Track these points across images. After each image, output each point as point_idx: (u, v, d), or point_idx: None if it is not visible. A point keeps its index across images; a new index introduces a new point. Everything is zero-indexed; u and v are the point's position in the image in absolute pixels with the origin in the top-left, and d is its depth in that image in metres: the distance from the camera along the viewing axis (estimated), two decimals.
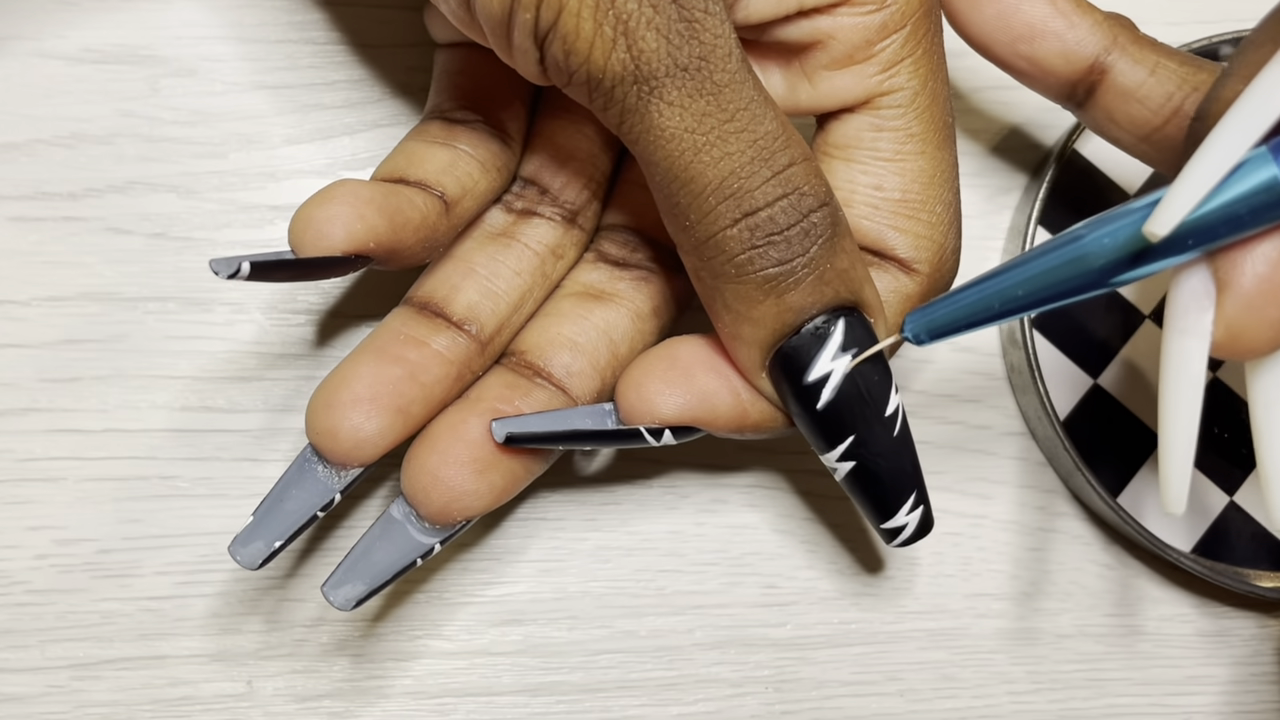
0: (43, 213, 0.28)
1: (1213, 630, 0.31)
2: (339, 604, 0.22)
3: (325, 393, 0.23)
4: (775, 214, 0.20)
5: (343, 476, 0.23)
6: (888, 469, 0.23)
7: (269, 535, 0.23)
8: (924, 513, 0.24)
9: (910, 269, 0.23)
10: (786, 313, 0.21)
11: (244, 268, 0.20)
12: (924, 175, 0.23)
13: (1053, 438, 0.29)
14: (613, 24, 0.19)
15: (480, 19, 0.20)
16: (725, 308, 0.21)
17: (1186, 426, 0.19)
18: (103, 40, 0.28)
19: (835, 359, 0.21)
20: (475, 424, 0.23)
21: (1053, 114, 0.32)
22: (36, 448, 0.27)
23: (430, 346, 0.24)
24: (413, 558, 0.23)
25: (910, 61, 0.22)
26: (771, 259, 0.20)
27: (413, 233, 0.23)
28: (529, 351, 0.25)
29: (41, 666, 0.27)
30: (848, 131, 0.23)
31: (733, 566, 0.29)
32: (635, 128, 0.20)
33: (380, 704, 0.28)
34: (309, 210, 0.22)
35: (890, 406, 0.22)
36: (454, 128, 0.25)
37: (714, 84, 0.20)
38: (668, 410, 0.22)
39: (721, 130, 0.20)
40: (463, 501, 0.23)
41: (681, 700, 0.29)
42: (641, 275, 0.26)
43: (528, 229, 0.26)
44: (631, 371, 0.23)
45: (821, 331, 0.21)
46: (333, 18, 0.29)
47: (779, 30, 0.23)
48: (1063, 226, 0.31)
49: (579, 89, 0.20)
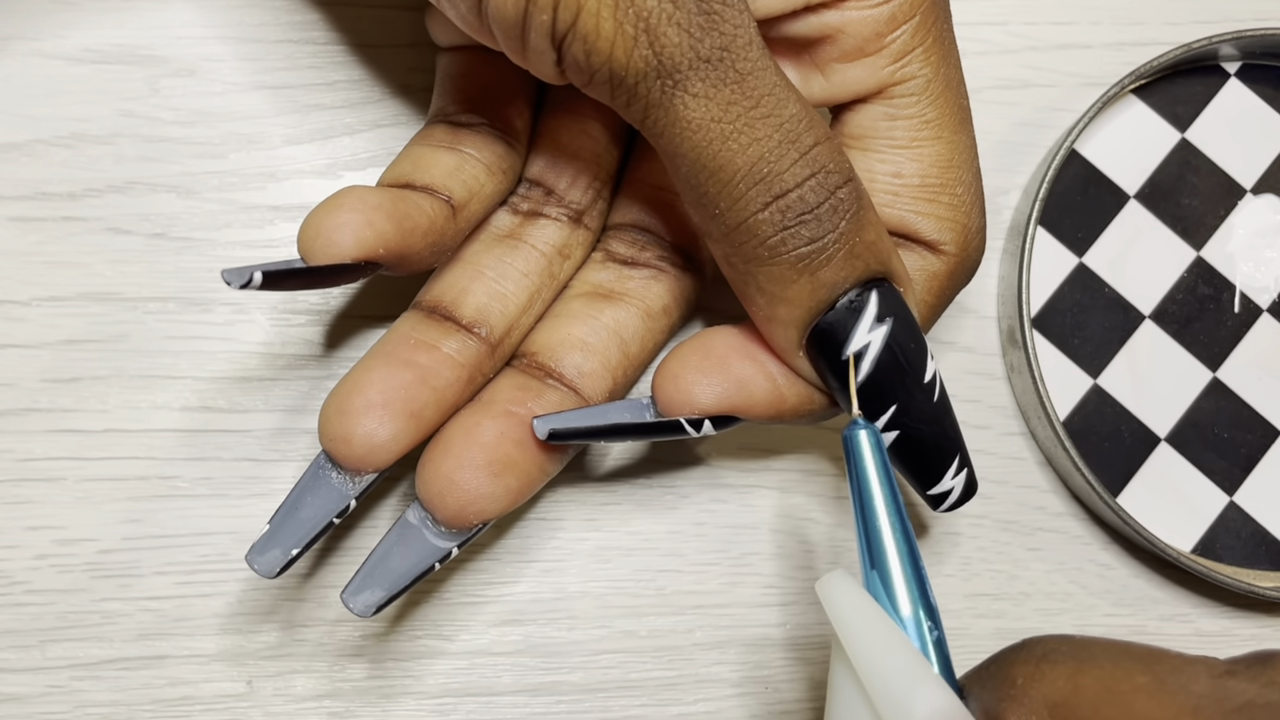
0: (43, 213, 0.28)
1: (1213, 630, 0.31)
2: (359, 610, 0.22)
3: (337, 399, 0.23)
4: (805, 193, 0.20)
5: (357, 483, 0.23)
6: (930, 434, 0.23)
7: (286, 543, 0.23)
8: (968, 475, 0.24)
9: (938, 249, 0.23)
10: (821, 289, 0.21)
11: (256, 277, 0.20)
12: (942, 159, 0.23)
13: (1052, 438, 0.29)
14: (633, 21, 0.19)
15: (492, 22, 0.20)
16: (759, 291, 0.22)
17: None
18: (103, 40, 0.28)
19: (872, 330, 0.21)
20: (489, 426, 0.23)
21: (1053, 114, 0.32)
22: (36, 448, 0.27)
23: (441, 350, 0.24)
24: (430, 562, 0.23)
25: (921, 50, 0.22)
26: (803, 238, 0.21)
27: (421, 238, 0.23)
28: (540, 353, 0.25)
29: (41, 666, 0.27)
30: (863, 121, 0.23)
31: (733, 566, 0.29)
32: (660, 121, 0.20)
33: (380, 704, 0.28)
34: (318, 218, 0.22)
35: (929, 373, 0.22)
36: (458, 131, 0.25)
37: (737, 73, 0.20)
38: (706, 400, 0.23)
39: (748, 117, 0.20)
40: (479, 504, 0.23)
41: (681, 700, 0.29)
42: (650, 273, 0.26)
43: (534, 230, 0.26)
44: (668, 363, 0.23)
45: (856, 304, 0.21)
46: (333, 18, 0.29)
47: (788, 26, 0.23)
48: (1063, 226, 0.31)
49: (600, 87, 0.20)
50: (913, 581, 0.20)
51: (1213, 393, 0.31)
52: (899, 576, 0.20)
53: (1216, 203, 0.31)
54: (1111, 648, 0.19)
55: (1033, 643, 0.20)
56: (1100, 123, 0.31)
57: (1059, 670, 0.19)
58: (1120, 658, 0.19)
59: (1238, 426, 0.30)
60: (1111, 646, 0.19)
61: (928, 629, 0.20)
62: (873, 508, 0.21)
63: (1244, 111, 0.32)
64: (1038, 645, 0.19)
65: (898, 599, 0.20)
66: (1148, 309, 0.31)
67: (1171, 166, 0.31)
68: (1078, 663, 0.19)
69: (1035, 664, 0.19)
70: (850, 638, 0.20)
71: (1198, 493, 0.30)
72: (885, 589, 0.20)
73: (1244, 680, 0.18)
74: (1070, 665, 0.19)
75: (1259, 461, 0.30)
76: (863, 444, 0.21)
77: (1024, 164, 0.32)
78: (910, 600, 0.20)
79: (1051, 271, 0.31)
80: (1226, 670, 0.18)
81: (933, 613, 0.20)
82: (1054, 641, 0.19)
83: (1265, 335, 0.31)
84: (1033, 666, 0.19)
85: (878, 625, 0.20)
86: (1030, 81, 0.32)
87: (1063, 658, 0.19)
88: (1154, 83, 0.31)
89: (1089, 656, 0.19)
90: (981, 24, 0.32)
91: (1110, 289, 0.31)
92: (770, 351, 0.23)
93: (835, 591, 0.20)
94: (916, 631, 0.20)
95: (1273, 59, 0.32)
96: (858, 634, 0.19)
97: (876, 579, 0.20)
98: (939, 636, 0.20)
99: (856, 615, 0.20)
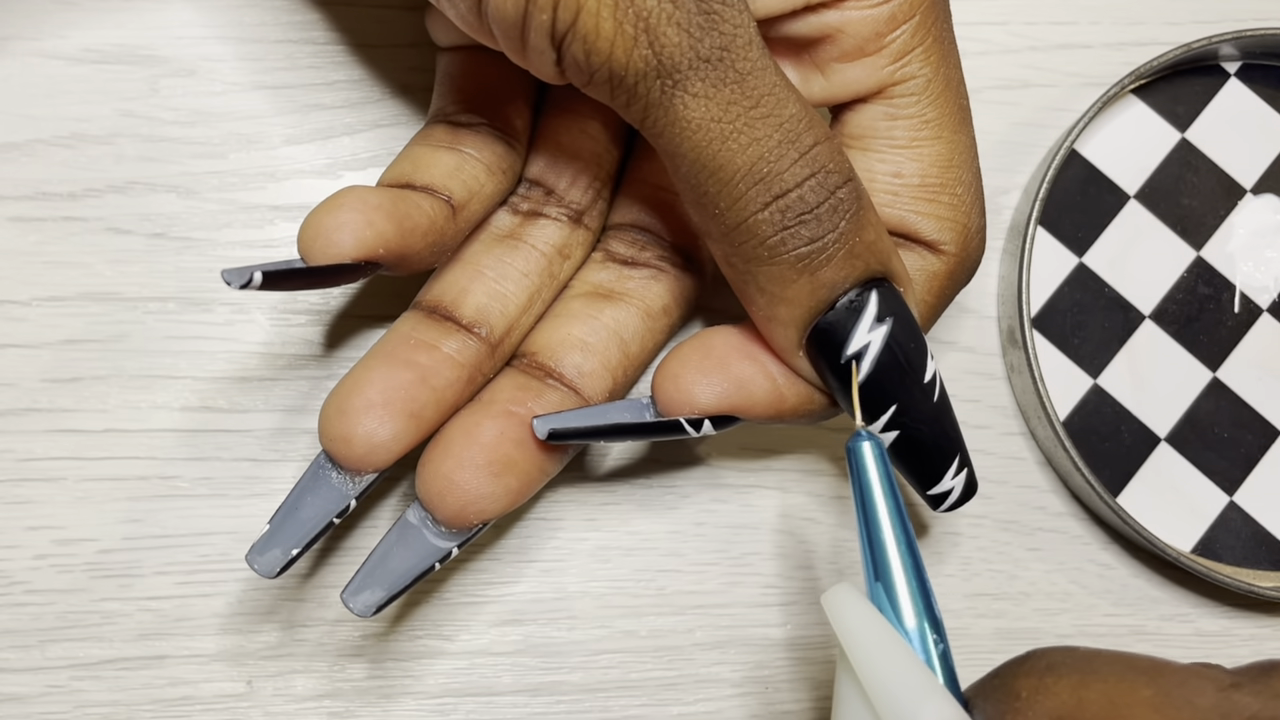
0: (43, 213, 0.28)
1: (1213, 630, 0.31)
2: (359, 610, 0.22)
3: (337, 399, 0.23)
4: (805, 193, 0.20)
5: (357, 483, 0.23)
6: (930, 435, 0.23)
7: (286, 543, 0.23)
8: (968, 475, 0.24)
9: (938, 249, 0.23)
10: (820, 289, 0.21)
11: (256, 277, 0.20)
12: (942, 159, 0.23)
13: (1052, 438, 0.29)
14: (633, 21, 0.19)
15: (492, 22, 0.20)
16: (759, 291, 0.22)
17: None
18: (103, 40, 0.28)
19: (872, 330, 0.21)
20: (489, 427, 0.23)
21: (1053, 114, 0.32)
22: (36, 448, 0.27)
23: (441, 350, 0.24)
24: (430, 562, 0.23)
25: (921, 50, 0.22)
26: (803, 238, 0.21)
27: (421, 237, 0.23)
28: (540, 353, 0.25)
29: (41, 666, 0.27)
30: (862, 121, 0.23)
31: (733, 566, 0.29)
32: (660, 121, 0.20)
33: (380, 704, 0.28)
34: (318, 218, 0.22)
35: (928, 373, 0.22)
36: (458, 131, 0.25)
37: (737, 73, 0.20)
38: (705, 400, 0.23)
39: (748, 117, 0.20)
40: (478, 505, 0.23)
41: (681, 700, 0.29)
42: (650, 273, 0.26)
43: (534, 230, 0.26)
44: (667, 363, 0.23)
45: (856, 304, 0.21)
46: (333, 18, 0.29)
47: (788, 25, 0.23)
48: (1063, 226, 0.31)
49: (600, 87, 0.20)
50: (917, 594, 0.20)
51: (1213, 393, 0.31)
52: (903, 589, 0.20)
53: (1216, 203, 0.31)
54: (1116, 660, 0.19)
55: (1036, 655, 0.19)
56: (1100, 123, 0.31)
57: (1063, 683, 0.18)
58: (1125, 671, 0.18)
59: (1238, 426, 0.30)
60: (1116, 659, 0.19)
61: (933, 641, 0.20)
62: (877, 520, 0.20)
63: (1244, 111, 0.32)
64: (1041, 658, 0.19)
65: (902, 611, 0.20)
66: (1148, 309, 0.31)
67: (1171, 166, 0.31)
68: (1082, 675, 0.18)
69: (1039, 677, 0.19)
70: (856, 650, 0.19)
71: (1198, 493, 0.30)
72: (890, 601, 0.20)
73: (1249, 694, 0.18)
74: (1075, 678, 0.18)
75: (1259, 461, 0.30)
76: (866, 456, 0.21)
77: (1024, 164, 0.32)
78: (915, 613, 0.20)
79: (1051, 271, 0.31)
80: (1231, 683, 0.18)
81: (938, 625, 0.20)
82: (1058, 654, 0.19)
83: (1265, 335, 0.31)
84: (1037, 679, 0.19)
85: (883, 638, 0.19)
86: (1030, 81, 0.32)
87: (1067, 670, 0.19)
88: (1154, 83, 0.31)
89: (1093, 669, 0.19)
90: (981, 24, 0.32)
91: (1110, 289, 0.31)
92: (770, 351, 0.23)
93: (840, 604, 0.20)
94: (921, 644, 0.20)
95: (1273, 59, 0.32)
96: (863, 647, 0.19)
97: (881, 591, 0.20)
98: (944, 649, 0.20)
99: (862, 628, 0.20)
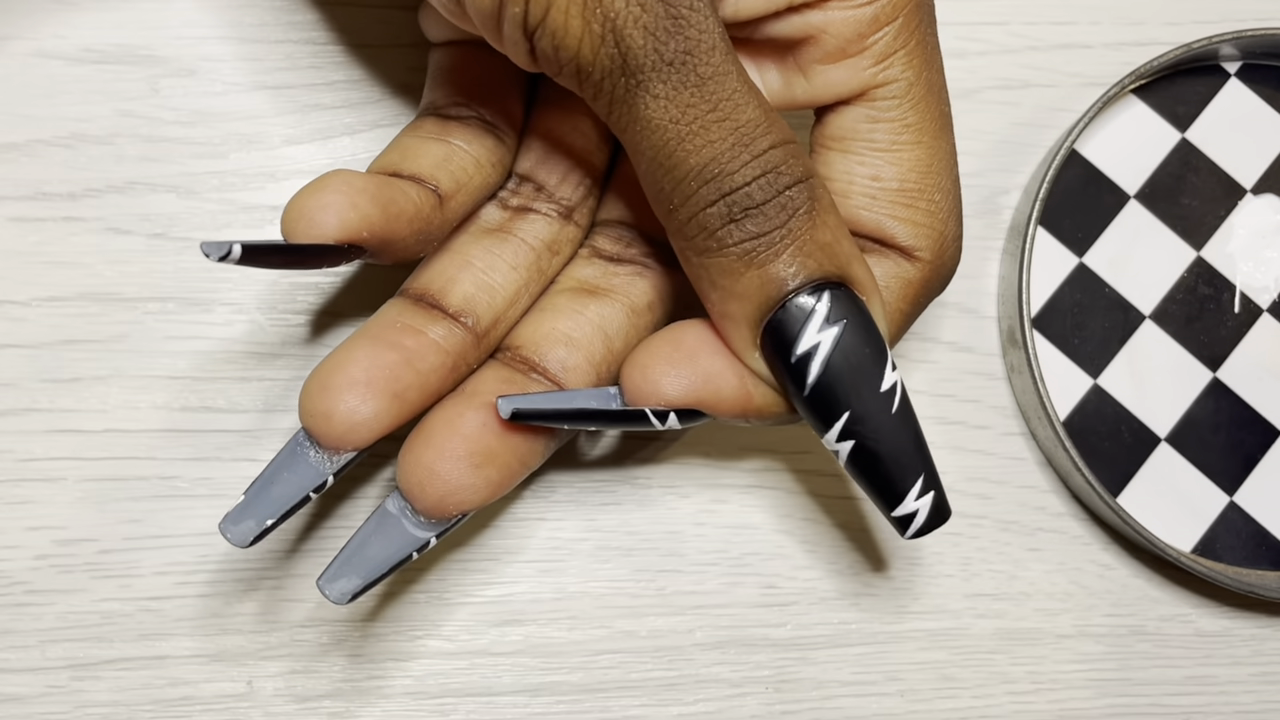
0: (43, 213, 0.28)
1: (1213, 630, 0.31)
2: (334, 597, 0.22)
3: (320, 376, 0.23)
4: (752, 190, 0.21)
5: (334, 461, 0.23)
6: (888, 448, 0.22)
7: (260, 514, 0.22)
8: (935, 499, 0.23)
9: (912, 256, 0.23)
10: (769, 284, 0.21)
11: (235, 250, 0.20)
12: (921, 164, 0.23)
13: (1052, 438, 0.29)
14: (600, 21, 0.19)
15: (470, 11, 0.21)
16: (712, 285, 0.22)
17: None
18: (103, 40, 0.28)
19: (822, 330, 0.21)
20: (471, 418, 0.23)
21: (1053, 114, 0.32)
22: (36, 448, 0.27)
23: (426, 335, 0.24)
24: (408, 551, 0.23)
25: (904, 53, 0.23)
26: (749, 231, 0.21)
27: (406, 224, 0.23)
28: (524, 346, 0.25)
29: (41, 666, 0.27)
30: (843, 123, 0.23)
31: (733, 566, 0.29)
32: (623, 118, 0.21)
33: (380, 704, 0.28)
34: (302, 198, 0.22)
35: (886, 382, 0.22)
36: (448, 123, 0.25)
37: (698, 76, 0.20)
38: (672, 392, 0.23)
39: (705, 120, 0.20)
40: (458, 496, 0.23)
41: (681, 700, 0.29)
42: (636, 270, 0.26)
43: (524, 225, 0.26)
44: (637, 354, 0.23)
45: (807, 304, 0.21)
46: (333, 18, 0.29)
47: (770, 26, 0.23)
48: (1063, 226, 0.31)
49: (569, 79, 0.21)
50: None
51: (1213, 393, 0.31)
52: None
53: (1216, 203, 0.31)
54: None
55: None
56: (1100, 123, 0.31)
57: None
58: None
59: (1238, 426, 0.30)
60: None
61: None
62: None
63: (1244, 111, 0.32)
64: None
65: None
66: (1148, 309, 0.31)
67: (1171, 166, 0.31)
68: None
69: None
70: None
71: (1198, 493, 0.30)
72: None
73: None
74: None
75: (1259, 461, 0.30)
76: None
77: (1024, 164, 0.32)
78: None
79: (1051, 271, 0.31)
80: None
81: None
82: None
83: (1265, 335, 0.31)
84: None
85: None
86: (1030, 81, 0.32)
87: None
88: (1154, 83, 0.31)
89: None
90: (981, 24, 0.32)
91: (1110, 289, 0.31)
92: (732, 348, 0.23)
93: None
94: None
95: (1273, 59, 0.32)
96: None
97: None
98: None
99: None
